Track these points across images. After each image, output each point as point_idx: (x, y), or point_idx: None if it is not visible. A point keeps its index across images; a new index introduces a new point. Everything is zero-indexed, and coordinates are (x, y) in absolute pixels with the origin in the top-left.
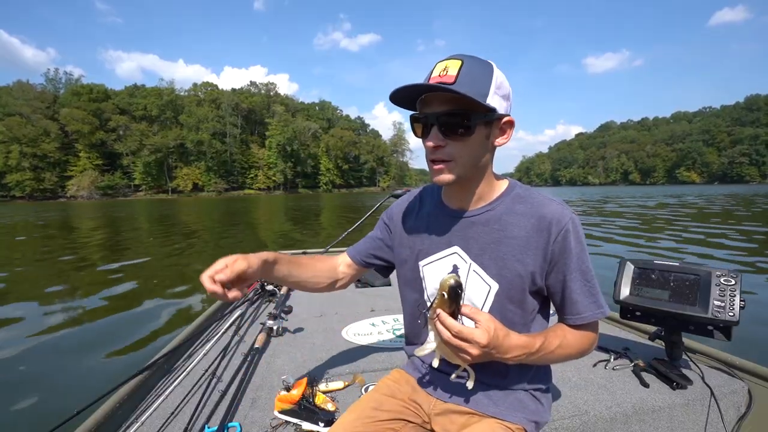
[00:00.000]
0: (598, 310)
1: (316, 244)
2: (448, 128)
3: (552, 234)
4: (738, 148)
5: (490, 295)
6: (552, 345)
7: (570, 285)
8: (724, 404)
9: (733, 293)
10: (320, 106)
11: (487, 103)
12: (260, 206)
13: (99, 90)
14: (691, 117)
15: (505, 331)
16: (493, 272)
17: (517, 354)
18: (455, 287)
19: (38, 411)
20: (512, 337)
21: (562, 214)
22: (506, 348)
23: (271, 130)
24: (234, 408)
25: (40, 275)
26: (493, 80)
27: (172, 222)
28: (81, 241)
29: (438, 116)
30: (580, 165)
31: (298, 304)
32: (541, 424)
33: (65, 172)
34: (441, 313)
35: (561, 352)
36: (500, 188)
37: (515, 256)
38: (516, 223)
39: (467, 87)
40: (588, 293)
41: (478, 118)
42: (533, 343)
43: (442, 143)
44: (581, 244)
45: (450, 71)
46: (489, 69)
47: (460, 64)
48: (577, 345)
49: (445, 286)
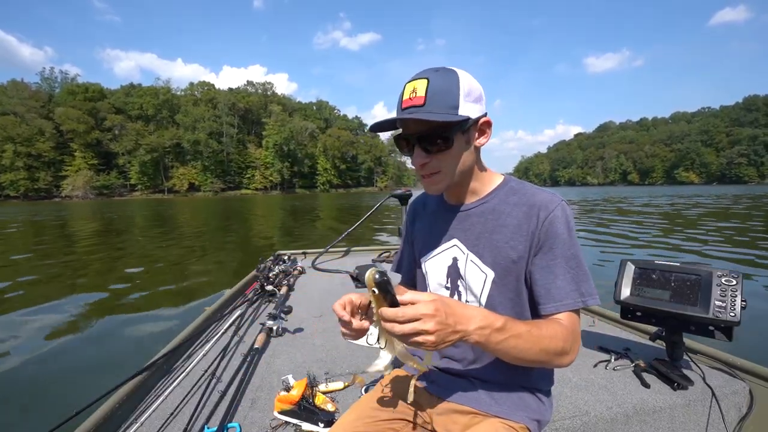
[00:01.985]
0: (581, 298)
1: (316, 244)
2: (429, 145)
3: (540, 219)
4: (736, 148)
5: (487, 283)
6: (519, 328)
7: (554, 270)
8: (726, 405)
9: (735, 293)
10: (317, 105)
11: (459, 114)
12: (257, 206)
13: (95, 89)
14: (690, 117)
15: (458, 301)
16: (489, 260)
17: (479, 325)
18: (380, 278)
19: (38, 411)
20: (469, 307)
21: (551, 200)
22: (462, 315)
23: (268, 129)
24: (234, 408)
25: (38, 275)
26: (461, 89)
27: (169, 222)
28: (78, 241)
29: (418, 137)
30: (578, 165)
31: (297, 305)
32: (543, 422)
33: (60, 171)
34: (382, 310)
35: (529, 339)
36: (495, 182)
37: (508, 243)
38: (509, 212)
39: (437, 105)
40: (571, 280)
41: (454, 131)
42: (495, 317)
43: (426, 160)
44: (569, 230)
45: (418, 92)
46: (454, 79)
47: (427, 83)
48: (549, 336)
49: (370, 282)
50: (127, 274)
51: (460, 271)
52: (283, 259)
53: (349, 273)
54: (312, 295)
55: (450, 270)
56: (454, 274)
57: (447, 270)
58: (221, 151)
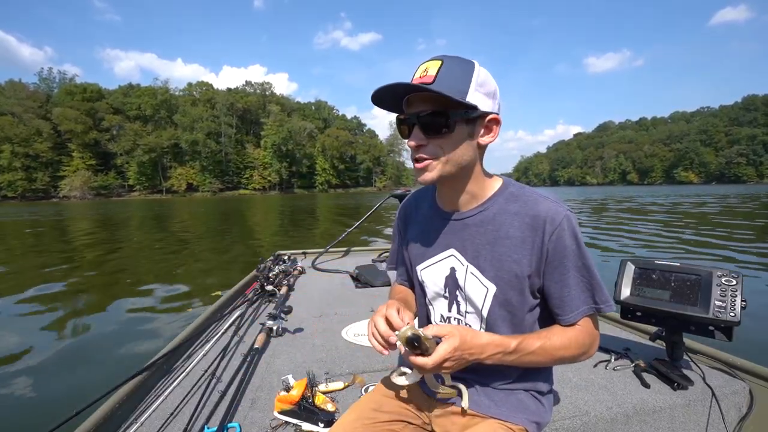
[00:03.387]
0: (595, 304)
1: (316, 245)
2: (429, 127)
3: (546, 232)
4: (735, 148)
5: (488, 297)
6: (531, 345)
7: (568, 282)
8: (725, 405)
9: (735, 293)
10: (316, 105)
11: (467, 100)
12: (256, 206)
13: (93, 89)
14: (689, 117)
15: (472, 332)
16: (490, 274)
17: (492, 352)
18: (412, 339)
19: (38, 411)
20: (482, 336)
21: (557, 211)
22: (477, 346)
23: (267, 129)
24: (234, 408)
25: (37, 276)
26: (474, 78)
27: (168, 222)
28: (76, 241)
29: (418, 116)
30: (578, 165)
31: (297, 305)
32: (542, 424)
33: (58, 172)
34: (413, 359)
35: (542, 353)
36: (493, 187)
37: (511, 256)
38: (510, 223)
39: (445, 85)
40: (585, 288)
41: (457, 115)
42: (507, 342)
43: (423, 142)
44: (577, 240)
45: (430, 71)
46: (470, 67)
47: (440, 64)
48: (562, 347)
49: (402, 340)
50: (126, 275)
51: (459, 282)
52: (283, 259)
53: (349, 273)
54: (312, 295)
55: (448, 280)
56: (452, 285)
57: (445, 280)
58: (219, 152)
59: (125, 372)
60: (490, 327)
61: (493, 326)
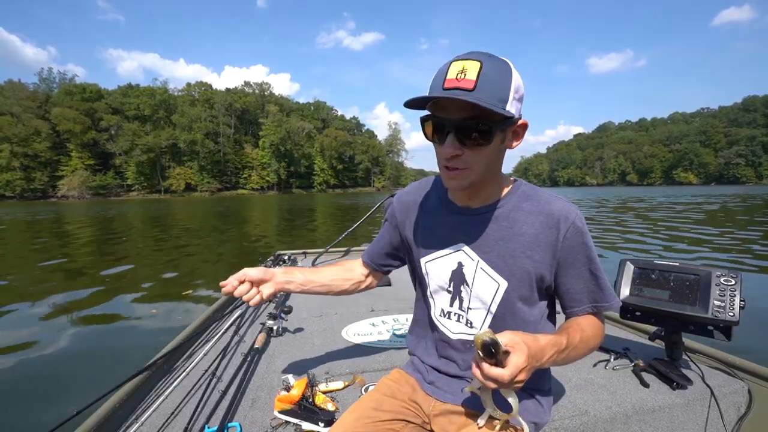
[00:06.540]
0: (606, 302)
1: (315, 245)
2: (466, 136)
3: (561, 231)
4: (734, 149)
5: (499, 293)
6: (575, 339)
7: (581, 277)
8: (724, 404)
9: (734, 293)
10: (315, 106)
11: (507, 109)
12: (255, 206)
13: (92, 89)
14: (688, 118)
15: (531, 337)
16: (502, 269)
17: (550, 355)
18: (489, 345)
19: (38, 411)
20: (539, 339)
21: (569, 210)
22: (539, 350)
23: (265, 129)
24: (234, 408)
25: (37, 276)
26: (513, 84)
27: (167, 222)
28: (75, 241)
29: (456, 123)
30: (577, 166)
31: (298, 304)
32: (540, 424)
33: (56, 171)
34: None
35: (582, 346)
36: (507, 186)
37: (524, 252)
38: (524, 221)
39: (488, 94)
40: (597, 286)
41: (497, 126)
42: (560, 340)
43: (459, 152)
44: (588, 239)
45: (468, 75)
46: (508, 71)
47: (479, 67)
48: (593, 336)
49: (478, 343)
50: (126, 275)
51: (466, 277)
52: (284, 259)
53: None
54: (312, 295)
55: (454, 274)
56: (457, 279)
57: (450, 274)
58: (218, 152)
59: (125, 372)
60: (497, 322)
61: (500, 322)
